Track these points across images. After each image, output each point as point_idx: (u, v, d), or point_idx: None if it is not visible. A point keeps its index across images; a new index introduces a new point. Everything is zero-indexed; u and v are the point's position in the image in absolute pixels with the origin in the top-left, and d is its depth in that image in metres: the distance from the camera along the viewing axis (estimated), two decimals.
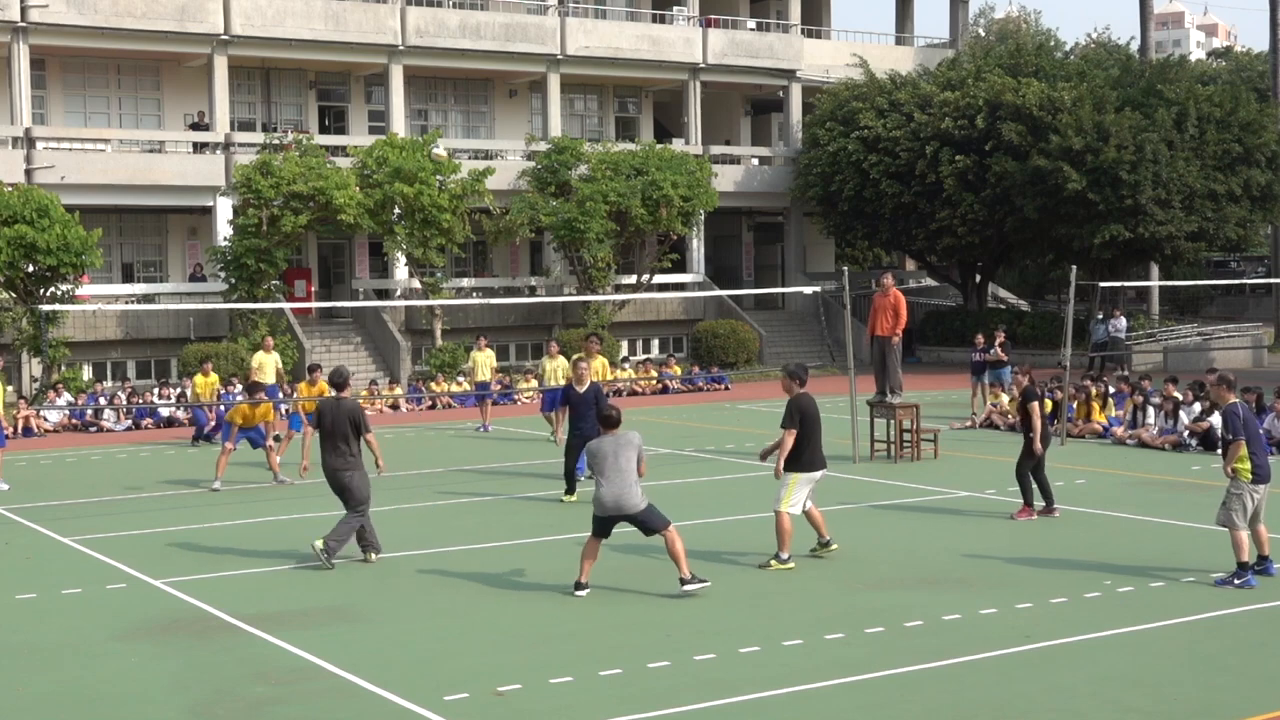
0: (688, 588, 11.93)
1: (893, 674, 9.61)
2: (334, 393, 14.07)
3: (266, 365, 25.05)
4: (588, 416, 17.39)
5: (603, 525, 12.17)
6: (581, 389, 17.59)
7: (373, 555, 13.82)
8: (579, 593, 12.12)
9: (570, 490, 17.52)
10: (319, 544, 13.46)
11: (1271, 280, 44.82)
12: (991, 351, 27.00)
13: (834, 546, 13.65)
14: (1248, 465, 12.18)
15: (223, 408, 22.89)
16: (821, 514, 13.75)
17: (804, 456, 13.14)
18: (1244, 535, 12.16)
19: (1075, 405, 24.10)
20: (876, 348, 21.38)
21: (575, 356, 19.24)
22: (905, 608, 11.45)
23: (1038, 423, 15.62)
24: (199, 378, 26.04)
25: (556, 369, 23.76)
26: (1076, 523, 15.46)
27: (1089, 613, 11.25)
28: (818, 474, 13.29)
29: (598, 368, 20.66)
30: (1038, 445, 15.56)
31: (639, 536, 12.39)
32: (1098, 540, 14.41)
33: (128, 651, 10.60)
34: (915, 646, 10.30)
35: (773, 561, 13.19)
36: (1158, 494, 17.55)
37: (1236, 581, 12.09)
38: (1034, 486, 15.78)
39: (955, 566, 13.17)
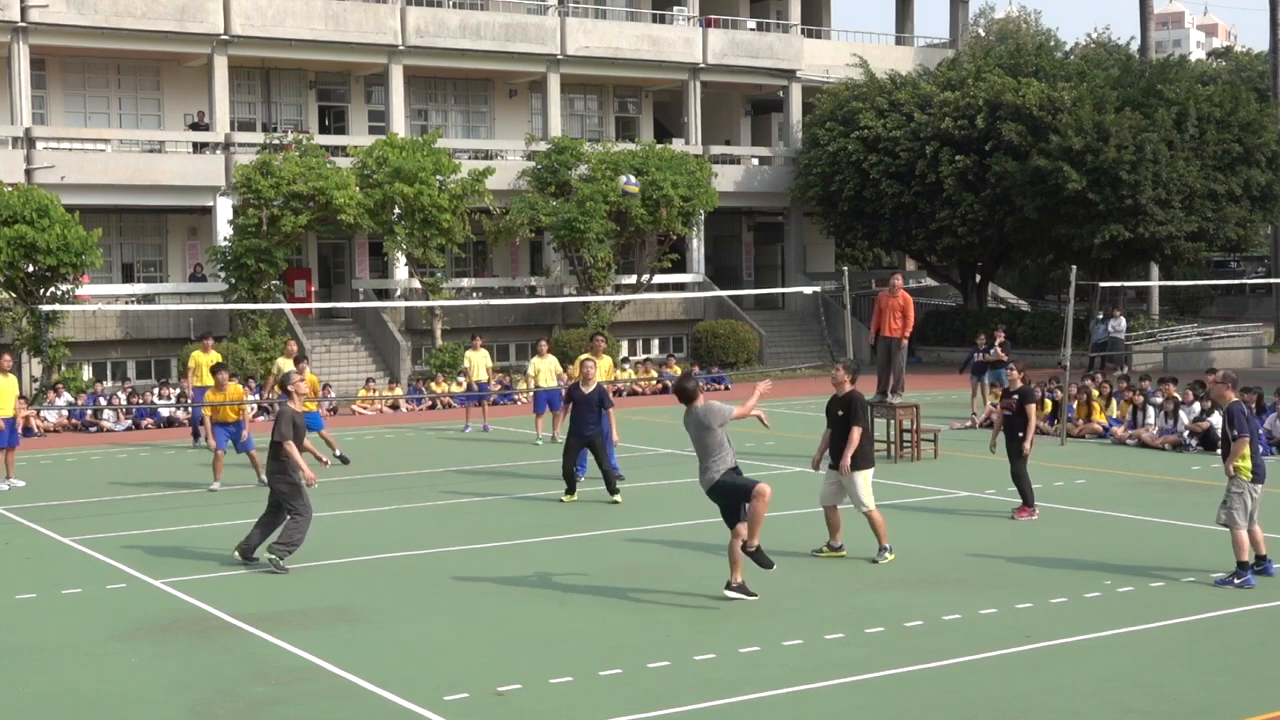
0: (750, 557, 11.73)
1: (893, 674, 9.61)
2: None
3: (286, 370, 23.99)
4: (589, 419, 17.35)
5: (720, 506, 12.00)
6: (588, 389, 17.50)
7: (237, 554, 13.59)
8: (728, 593, 11.65)
9: (570, 490, 17.48)
10: (268, 555, 13.32)
11: (1271, 280, 44.80)
12: (992, 351, 26.99)
13: (844, 553, 13.63)
14: (1248, 464, 12.20)
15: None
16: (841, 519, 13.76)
17: (868, 451, 13.51)
18: (1245, 535, 12.17)
19: (1075, 405, 24.10)
20: (883, 348, 21.37)
21: (582, 357, 19.08)
22: (905, 608, 11.44)
23: (1033, 423, 15.62)
24: (197, 354, 23.95)
25: (549, 369, 23.71)
26: (1076, 523, 15.46)
27: (1089, 613, 11.25)
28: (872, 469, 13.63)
29: (604, 368, 20.58)
30: (1027, 445, 15.53)
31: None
32: (1098, 540, 14.41)
33: (128, 651, 10.59)
34: (915, 646, 10.30)
35: (886, 556, 13.27)
36: (1158, 494, 17.54)
37: (1236, 581, 12.09)
38: (1032, 486, 15.78)
39: (955, 566, 13.17)
